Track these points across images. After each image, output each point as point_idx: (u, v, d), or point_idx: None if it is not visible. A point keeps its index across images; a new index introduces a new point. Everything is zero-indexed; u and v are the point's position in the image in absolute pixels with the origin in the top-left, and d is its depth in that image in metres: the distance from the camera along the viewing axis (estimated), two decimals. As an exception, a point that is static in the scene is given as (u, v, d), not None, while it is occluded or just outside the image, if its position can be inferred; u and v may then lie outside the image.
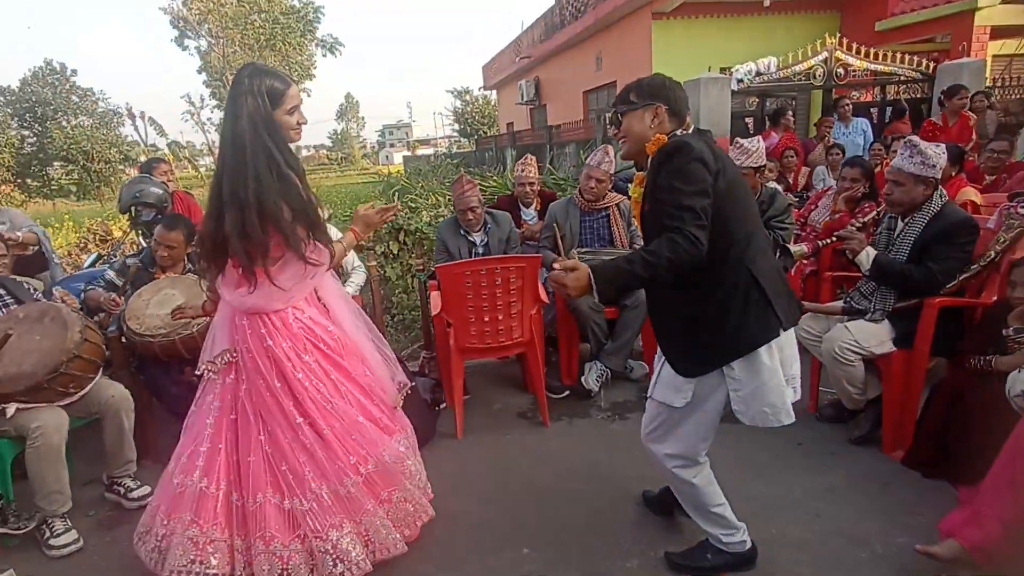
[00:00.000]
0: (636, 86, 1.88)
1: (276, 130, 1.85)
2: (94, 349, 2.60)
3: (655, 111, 1.81)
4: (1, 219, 3.54)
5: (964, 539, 1.89)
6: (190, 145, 34.46)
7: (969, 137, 5.55)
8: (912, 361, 2.60)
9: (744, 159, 3.19)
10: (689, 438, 1.91)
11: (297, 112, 1.92)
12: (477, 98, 35.10)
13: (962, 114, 5.65)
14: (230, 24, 26.27)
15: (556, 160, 11.52)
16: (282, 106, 1.86)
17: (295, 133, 1.93)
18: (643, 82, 1.87)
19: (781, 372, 1.78)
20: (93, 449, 2.83)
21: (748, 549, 2.01)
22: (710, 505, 1.97)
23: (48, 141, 26.64)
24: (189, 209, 4.33)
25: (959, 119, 5.66)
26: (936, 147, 2.49)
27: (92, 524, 2.59)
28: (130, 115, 27.82)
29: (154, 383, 2.96)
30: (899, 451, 2.60)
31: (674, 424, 1.92)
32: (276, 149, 1.83)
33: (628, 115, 1.86)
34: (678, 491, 2.04)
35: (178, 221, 3.19)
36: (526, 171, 4.06)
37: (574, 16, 13.22)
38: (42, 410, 2.38)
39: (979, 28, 8.31)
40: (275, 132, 1.84)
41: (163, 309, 2.90)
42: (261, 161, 1.80)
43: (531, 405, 3.40)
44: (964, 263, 2.54)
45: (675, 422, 1.91)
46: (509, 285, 2.99)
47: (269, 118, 1.83)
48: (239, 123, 1.80)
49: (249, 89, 1.81)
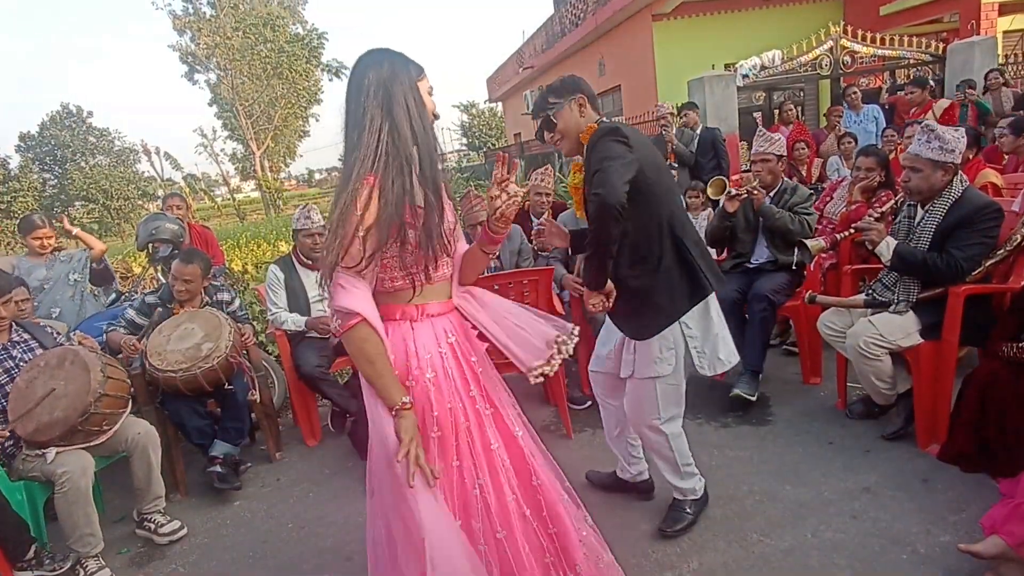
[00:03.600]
0: (552, 88, 2.05)
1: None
2: (119, 385, 2.63)
3: (579, 102, 2.00)
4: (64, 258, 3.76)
5: (1008, 535, 1.81)
6: (205, 176, 35.25)
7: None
8: (941, 352, 2.53)
9: (767, 146, 3.25)
10: (678, 390, 2.14)
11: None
12: (483, 111, 35.34)
13: (953, 104, 5.30)
14: (237, 56, 26.80)
15: (565, 168, 11.53)
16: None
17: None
18: (556, 83, 2.06)
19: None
20: (123, 485, 2.87)
21: (704, 486, 2.32)
22: (684, 462, 2.23)
23: (68, 183, 27.41)
24: (206, 242, 4.40)
25: (948, 109, 5.31)
26: (955, 131, 2.43)
27: (125, 561, 2.62)
28: (145, 151, 28.56)
29: (178, 417, 2.99)
30: (934, 445, 2.52)
31: (665, 390, 2.10)
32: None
33: (559, 114, 2.01)
34: (664, 458, 2.22)
35: (194, 255, 3.23)
36: (545, 181, 4.04)
37: (574, 24, 13.27)
38: (68, 454, 2.42)
39: (987, 5, 8.18)
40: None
41: (183, 344, 2.94)
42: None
43: (554, 418, 3.36)
44: (989, 249, 2.46)
45: (665, 388, 2.10)
46: (523, 299, 2.98)
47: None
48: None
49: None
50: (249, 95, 28.01)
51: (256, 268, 6.75)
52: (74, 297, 3.64)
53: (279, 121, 29.49)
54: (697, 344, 2.10)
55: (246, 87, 27.83)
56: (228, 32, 26.41)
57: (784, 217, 3.16)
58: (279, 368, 3.84)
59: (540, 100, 2.06)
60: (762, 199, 3.23)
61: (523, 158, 14.55)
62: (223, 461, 2.99)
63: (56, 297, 3.60)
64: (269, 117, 29.31)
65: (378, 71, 1.41)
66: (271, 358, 3.95)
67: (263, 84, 27.92)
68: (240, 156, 32.99)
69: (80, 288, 3.68)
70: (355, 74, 1.44)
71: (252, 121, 28.57)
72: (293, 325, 3.37)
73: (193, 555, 2.61)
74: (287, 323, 3.37)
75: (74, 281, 3.65)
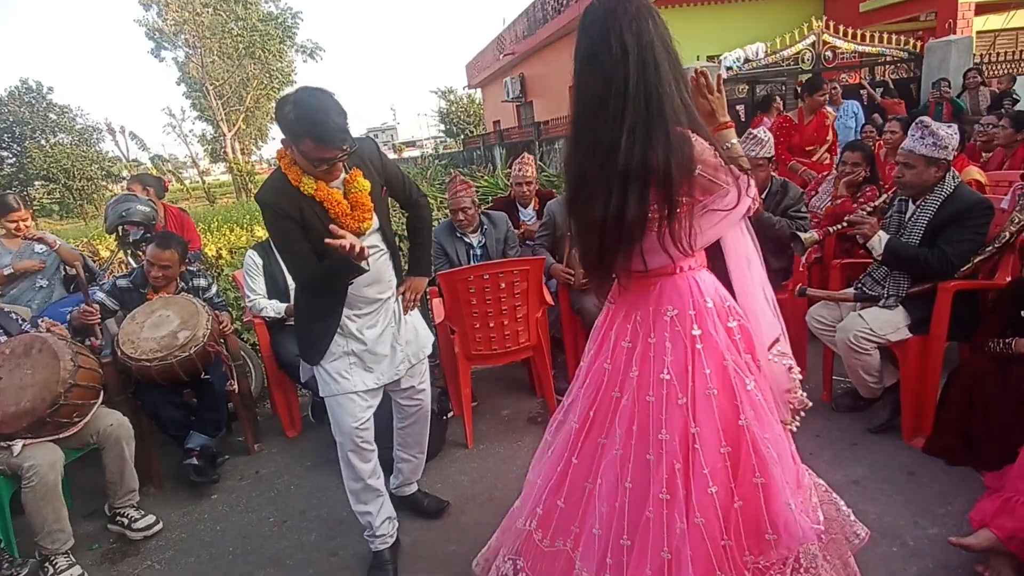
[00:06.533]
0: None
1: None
2: (90, 375, 2.51)
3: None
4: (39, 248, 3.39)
5: (998, 529, 1.83)
6: (173, 158, 34.24)
7: (824, 137, 4.96)
8: (928, 347, 2.55)
9: (758, 149, 3.09)
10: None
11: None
12: (461, 97, 34.93)
13: (819, 112, 4.94)
14: (207, 34, 25.88)
15: (546, 157, 11.46)
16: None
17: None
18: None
19: None
20: (92, 480, 2.75)
21: None
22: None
23: (28, 161, 26.29)
24: (182, 225, 4.22)
25: (816, 117, 4.93)
26: (948, 128, 2.44)
27: (96, 558, 2.51)
28: (110, 130, 27.60)
29: (153, 408, 2.87)
30: (920, 438, 2.56)
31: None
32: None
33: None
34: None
35: (171, 240, 3.09)
36: (524, 170, 3.99)
37: (557, 10, 13.15)
38: (36, 447, 2.29)
39: (963, 4, 8.32)
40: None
41: (158, 332, 2.81)
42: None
43: (541, 409, 3.33)
44: (978, 245, 2.49)
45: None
46: (513, 289, 2.92)
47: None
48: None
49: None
50: (219, 75, 27.13)
51: (231, 254, 6.56)
52: (34, 300, 3.38)
53: (251, 102, 28.66)
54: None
55: (216, 66, 26.94)
56: (197, 8, 25.48)
57: (783, 225, 3.07)
58: (256, 357, 3.73)
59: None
60: (761, 209, 3.07)
61: (502, 146, 14.43)
62: (199, 453, 2.89)
63: (20, 292, 3.37)
64: (240, 98, 28.47)
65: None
66: (247, 347, 3.83)
67: (234, 64, 27.07)
68: (210, 138, 32.07)
69: (47, 292, 3.42)
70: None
71: (223, 102, 27.71)
72: (273, 312, 3.26)
73: (169, 551, 2.51)
74: (266, 310, 3.26)
75: (39, 287, 3.37)
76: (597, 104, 1.32)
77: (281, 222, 1.83)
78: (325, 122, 1.69)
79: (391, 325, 2.10)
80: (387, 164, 2.07)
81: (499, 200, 4.35)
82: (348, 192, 1.89)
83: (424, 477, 2.77)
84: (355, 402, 2.02)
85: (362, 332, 2.03)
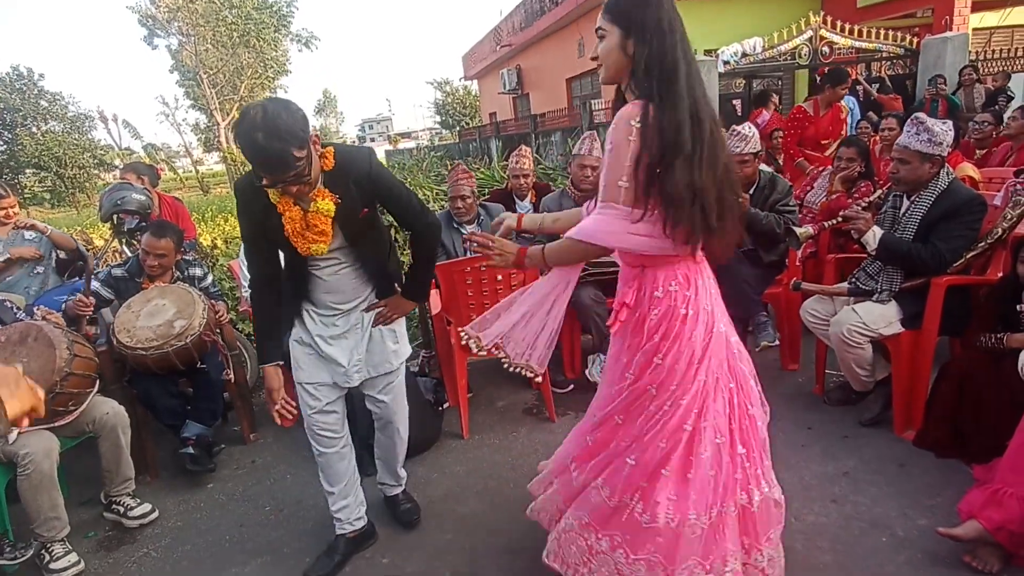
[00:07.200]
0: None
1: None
2: (86, 363, 2.50)
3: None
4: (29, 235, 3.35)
5: (985, 520, 1.87)
6: (166, 147, 33.94)
7: (839, 132, 4.97)
8: (920, 341, 2.58)
9: (743, 146, 3.06)
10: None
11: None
12: (458, 89, 34.78)
13: (835, 105, 4.94)
14: (201, 21, 25.59)
15: (542, 149, 11.44)
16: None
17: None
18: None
19: None
20: (88, 468, 2.75)
21: None
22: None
23: (19, 148, 25.97)
24: (177, 214, 4.21)
25: (831, 110, 4.93)
26: (943, 124, 2.46)
27: (92, 545, 2.52)
28: (102, 118, 27.33)
29: (149, 397, 2.87)
30: (910, 431, 2.59)
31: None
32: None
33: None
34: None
35: (166, 228, 3.08)
36: (521, 163, 3.98)
37: (554, 2, 13.09)
38: (31, 435, 2.28)
39: (960, 1, 8.33)
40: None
41: (154, 320, 2.81)
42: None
43: (536, 400, 3.35)
44: (971, 241, 2.51)
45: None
46: (510, 281, 2.94)
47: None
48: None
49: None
50: (213, 63, 26.84)
51: (226, 243, 6.53)
52: (31, 287, 3.37)
53: (245, 92, 28.38)
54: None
55: (210, 55, 26.65)
56: (191, -6, 25.22)
57: (771, 220, 3.07)
58: (252, 346, 3.73)
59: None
60: (747, 206, 3.04)
61: (498, 138, 14.39)
62: (196, 442, 2.89)
63: (16, 279, 3.34)
64: (235, 87, 28.19)
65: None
66: (243, 336, 3.82)
67: (228, 52, 26.78)
68: (203, 127, 31.79)
69: (40, 279, 3.40)
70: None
71: (217, 90, 27.46)
72: (269, 303, 3.25)
73: (165, 539, 2.52)
74: (263, 301, 3.25)
75: (35, 274, 3.34)
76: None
77: (246, 216, 1.92)
78: (258, 153, 1.63)
79: (356, 335, 2.09)
80: (380, 181, 1.93)
81: (496, 192, 4.35)
82: (308, 211, 1.84)
83: (420, 467, 2.79)
84: (309, 392, 2.07)
85: (319, 328, 2.06)
